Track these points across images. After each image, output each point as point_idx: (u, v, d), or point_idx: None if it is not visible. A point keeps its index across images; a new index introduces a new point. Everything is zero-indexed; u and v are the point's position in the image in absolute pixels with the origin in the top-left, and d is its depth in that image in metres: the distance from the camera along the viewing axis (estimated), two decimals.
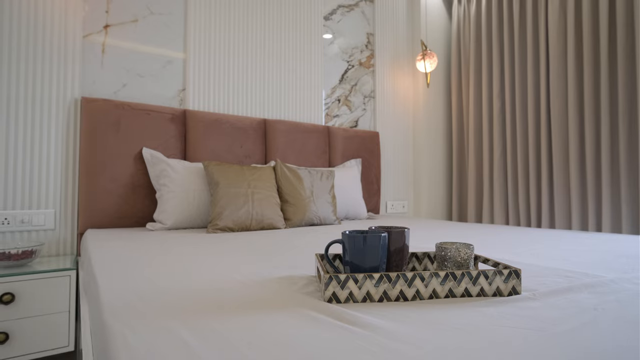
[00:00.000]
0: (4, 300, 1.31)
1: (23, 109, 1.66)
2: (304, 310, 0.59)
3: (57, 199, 1.73)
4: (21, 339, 1.35)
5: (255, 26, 2.33)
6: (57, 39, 1.75)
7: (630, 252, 1.14)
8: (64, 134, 1.76)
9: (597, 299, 0.66)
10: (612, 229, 2.24)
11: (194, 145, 2.02)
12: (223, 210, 1.66)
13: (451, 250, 0.75)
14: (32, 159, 1.68)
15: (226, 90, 2.21)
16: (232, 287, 0.73)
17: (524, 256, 1.06)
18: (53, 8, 1.74)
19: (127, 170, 1.82)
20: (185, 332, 0.50)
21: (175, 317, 0.56)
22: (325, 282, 0.64)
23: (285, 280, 0.78)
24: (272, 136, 2.28)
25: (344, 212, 2.28)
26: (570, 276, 0.81)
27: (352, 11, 2.83)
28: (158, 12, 2.03)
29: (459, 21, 3.17)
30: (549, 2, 2.54)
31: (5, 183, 1.62)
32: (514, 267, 0.70)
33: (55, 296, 1.42)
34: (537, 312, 0.59)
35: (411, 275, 0.67)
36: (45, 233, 1.70)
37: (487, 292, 0.68)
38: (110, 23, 1.89)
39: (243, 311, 0.59)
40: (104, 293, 0.69)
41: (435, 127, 3.16)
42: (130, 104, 1.85)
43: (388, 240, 0.75)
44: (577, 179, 2.38)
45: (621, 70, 2.20)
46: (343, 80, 2.76)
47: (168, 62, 2.05)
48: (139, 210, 1.83)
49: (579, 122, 2.40)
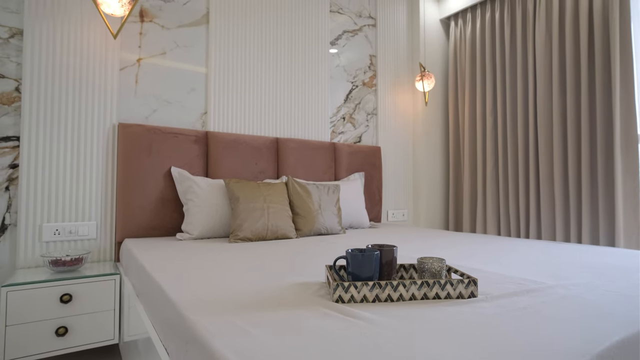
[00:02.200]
0: (64, 299, 1.57)
1: (70, 134, 1.93)
2: (319, 308, 0.84)
3: (98, 212, 1.99)
4: (77, 332, 1.61)
5: (268, 54, 2.59)
6: (99, 73, 2.02)
7: (583, 262, 1.37)
8: (104, 156, 2.02)
9: (532, 300, 0.90)
10: (591, 240, 2.47)
11: (215, 163, 2.28)
12: (243, 223, 1.91)
13: (428, 263, 0.99)
14: (78, 178, 1.94)
15: (243, 113, 2.47)
16: (262, 290, 0.98)
17: (492, 265, 1.31)
18: (95, 46, 2.01)
19: (157, 186, 2.08)
20: (241, 322, 0.75)
21: (231, 312, 0.81)
22: (334, 288, 0.89)
23: (302, 285, 1.03)
24: (284, 153, 2.54)
25: (349, 221, 2.53)
26: (520, 283, 1.05)
27: (356, 36, 3.09)
28: (183, 44, 2.29)
29: (455, 41, 3.41)
30: (536, 27, 2.77)
31: (55, 199, 1.88)
32: (473, 277, 0.94)
33: (103, 296, 1.68)
34: (484, 310, 0.83)
35: (396, 283, 0.91)
36: (89, 242, 1.96)
37: (452, 295, 0.93)
38: (142, 56, 2.16)
39: (276, 308, 0.84)
40: (172, 294, 0.94)
41: (434, 141, 3.40)
42: (160, 128, 2.11)
43: (380, 257, 1.00)
44: (561, 195, 2.61)
45: (599, 94, 2.43)
46: (348, 99, 3.01)
47: (192, 90, 2.31)
48: (168, 222, 2.10)
49: (562, 140, 2.63)
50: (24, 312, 1.52)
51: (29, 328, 1.52)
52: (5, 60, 1.78)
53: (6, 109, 1.78)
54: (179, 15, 2.27)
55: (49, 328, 1.56)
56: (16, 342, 1.50)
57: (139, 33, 2.14)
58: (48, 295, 1.56)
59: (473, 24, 3.27)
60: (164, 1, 2.22)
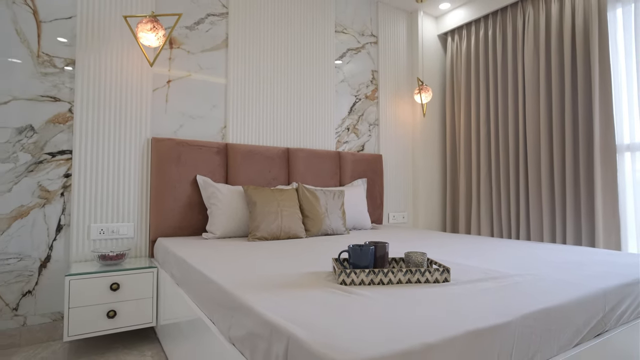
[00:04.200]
0: (113, 287, 1.88)
1: (113, 147, 2.24)
2: (327, 288, 1.12)
3: (135, 214, 2.30)
4: (123, 315, 1.92)
5: (280, 73, 2.89)
6: (136, 94, 2.32)
7: (550, 259, 1.64)
8: (140, 166, 2.33)
9: (492, 284, 1.18)
10: (574, 241, 2.72)
11: (234, 171, 2.57)
12: (260, 224, 2.20)
13: (412, 256, 1.27)
14: (118, 185, 2.25)
15: (257, 126, 2.76)
16: (282, 276, 1.26)
17: (471, 260, 1.58)
18: (133, 71, 2.31)
19: (185, 192, 2.38)
20: (270, 295, 1.03)
21: (261, 290, 1.10)
22: (338, 273, 1.18)
23: (313, 274, 1.32)
24: (294, 162, 2.83)
25: (352, 223, 2.81)
26: (488, 273, 1.33)
27: (359, 53, 3.37)
28: (205, 66, 2.59)
29: (452, 55, 3.68)
30: (525, 43, 3.04)
31: (100, 202, 2.19)
32: (447, 266, 1.22)
33: (144, 286, 1.98)
34: (451, 290, 1.11)
35: (387, 270, 1.19)
36: (128, 240, 2.27)
37: (430, 280, 1.20)
38: (171, 78, 2.46)
39: (294, 287, 1.12)
40: (215, 278, 1.23)
41: (432, 149, 3.67)
42: (187, 141, 2.42)
43: (375, 250, 1.28)
44: (548, 199, 2.87)
45: (581, 105, 2.69)
46: (352, 111, 3.30)
47: (213, 106, 2.61)
48: (195, 223, 2.40)
49: (548, 148, 2.89)
50: (82, 297, 1.82)
51: (86, 310, 1.83)
52: (61, 86, 2.10)
53: (61, 127, 2.10)
54: (202, 41, 2.57)
55: (102, 311, 1.86)
56: (77, 321, 1.80)
57: (169, 58, 2.44)
58: (100, 284, 1.87)
59: (468, 40, 3.54)
60: (190, 29, 2.52)
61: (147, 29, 2.09)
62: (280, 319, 0.86)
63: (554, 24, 2.85)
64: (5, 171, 1.97)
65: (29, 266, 2.02)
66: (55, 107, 2.09)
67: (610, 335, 1.13)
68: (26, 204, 2.01)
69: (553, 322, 0.98)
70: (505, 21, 3.26)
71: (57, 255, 2.08)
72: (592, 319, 1.08)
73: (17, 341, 1.97)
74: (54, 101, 2.09)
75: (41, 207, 2.05)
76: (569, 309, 1.02)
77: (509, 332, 0.86)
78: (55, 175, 2.09)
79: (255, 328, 0.91)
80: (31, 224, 2.03)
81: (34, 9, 2.06)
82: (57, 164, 2.09)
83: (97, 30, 2.20)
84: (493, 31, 3.32)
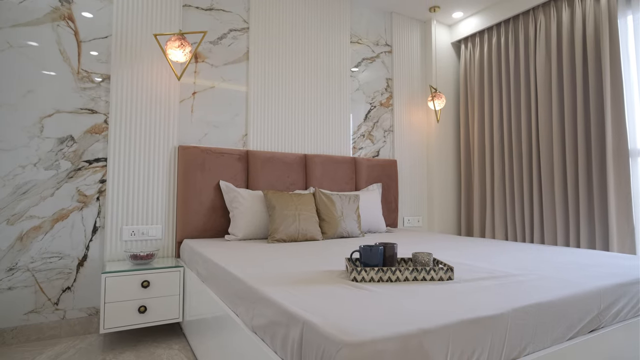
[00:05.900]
0: (143, 285, 2.04)
1: (143, 155, 2.42)
2: (341, 284, 1.23)
3: (163, 217, 2.47)
4: (153, 310, 2.08)
5: (298, 82, 3.03)
6: (164, 105, 2.50)
7: (556, 260, 1.70)
8: (167, 172, 2.50)
9: (493, 283, 1.26)
10: (588, 244, 2.74)
11: (254, 177, 2.72)
12: (279, 227, 2.34)
13: (419, 256, 1.37)
14: (148, 190, 2.43)
15: (276, 133, 2.91)
16: (300, 274, 1.38)
17: (479, 261, 1.66)
18: (161, 85, 2.50)
19: (209, 196, 2.54)
20: (289, 289, 1.16)
21: (281, 285, 1.22)
22: (350, 271, 1.29)
23: (327, 272, 1.43)
24: (311, 168, 2.96)
25: (367, 226, 2.91)
26: (492, 272, 1.41)
27: (374, 62, 3.49)
28: (228, 78, 2.76)
29: (465, 63, 3.75)
30: (537, 50, 3.09)
31: (132, 206, 2.37)
32: (451, 265, 1.31)
33: (171, 284, 2.13)
34: (454, 287, 1.20)
35: (395, 268, 1.30)
36: (156, 241, 2.44)
37: (435, 278, 1.30)
38: (196, 90, 2.64)
39: (310, 283, 1.24)
40: (239, 275, 1.37)
41: (446, 154, 3.74)
42: (211, 149, 2.58)
43: (384, 250, 1.39)
44: (561, 203, 2.90)
45: (593, 111, 2.72)
46: (367, 118, 3.41)
47: (235, 115, 2.77)
48: (217, 226, 2.55)
49: (561, 153, 2.92)
50: (116, 293, 1.99)
51: (120, 306, 2.00)
52: (98, 99, 2.29)
53: (97, 137, 2.29)
54: (224, 55, 2.74)
55: (134, 306, 2.03)
56: (111, 316, 1.97)
57: (194, 72, 2.62)
58: (133, 281, 2.03)
59: (481, 47, 3.60)
60: (213, 44, 2.70)
61: (176, 46, 2.26)
62: (296, 308, 0.98)
63: (565, 31, 2.89)
64: (48, 177, 2.17)
65: (68, 264, 2.21)
66: (93, 119, 2.29)
67: (604, 332, 1.20)
68: (66, 207, 2.21)
69: (545, 316, 1.06)
70: (517, 29, 3.31)
71: (93, 255, 2.27)
72: (586, 315, 1.16)
73: (58, 333, 2.16)
74: (92, 113, 2.29)
75: (79, 211, 2.24)
76: (562, 305, 1.10)
77: (501, 323, 0.95)
78: (91, 181, 2.28)
79: (274, 317, 1.03)
80: (70, 226, 2.22)
81: (75, 30, 2.27)
82: (93, 171, 2.28)
83: (130, 48, 2.40)
84: (505, 39, 3.37)
